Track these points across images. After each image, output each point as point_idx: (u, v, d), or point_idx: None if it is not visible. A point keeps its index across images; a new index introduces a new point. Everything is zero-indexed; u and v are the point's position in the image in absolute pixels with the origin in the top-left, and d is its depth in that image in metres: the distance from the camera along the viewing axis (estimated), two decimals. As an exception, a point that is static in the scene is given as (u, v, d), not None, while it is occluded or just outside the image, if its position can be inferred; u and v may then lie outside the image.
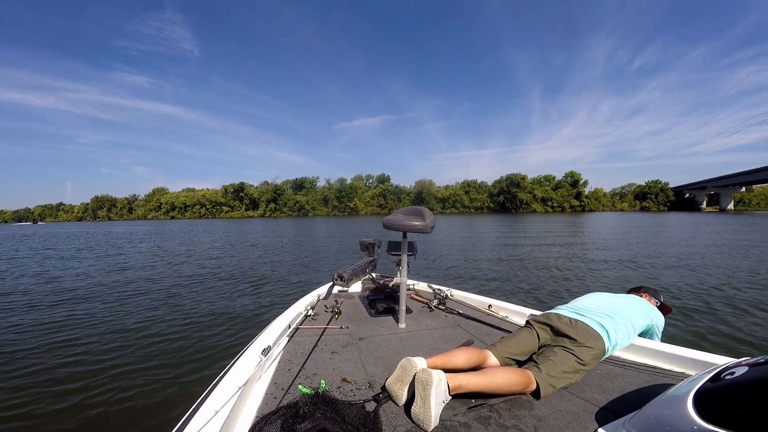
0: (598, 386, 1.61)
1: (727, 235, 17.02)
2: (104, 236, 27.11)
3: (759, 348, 3.83)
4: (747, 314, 4.89)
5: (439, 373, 1.42)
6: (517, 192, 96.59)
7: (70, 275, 9.21)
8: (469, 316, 2.68)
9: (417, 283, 3.61)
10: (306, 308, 2.71)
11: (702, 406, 0.87)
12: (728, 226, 23.85)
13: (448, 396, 1.41)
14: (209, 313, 5.45)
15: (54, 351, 4.00)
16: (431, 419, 1.32)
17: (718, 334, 4.21)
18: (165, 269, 9.95)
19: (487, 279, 7.89)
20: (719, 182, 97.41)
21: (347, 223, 44.59)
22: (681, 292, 6.13)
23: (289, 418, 1.29)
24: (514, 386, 1.50)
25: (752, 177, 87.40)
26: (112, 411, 2.81)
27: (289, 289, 7.09)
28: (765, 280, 7.04)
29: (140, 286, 7.68)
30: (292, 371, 1.76)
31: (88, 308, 5.80)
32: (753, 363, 0.95)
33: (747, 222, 30.72)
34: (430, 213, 2.26)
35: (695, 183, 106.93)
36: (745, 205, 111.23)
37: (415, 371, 1.46)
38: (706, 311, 5.06)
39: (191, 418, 1.28)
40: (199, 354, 3.88)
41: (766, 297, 5.73)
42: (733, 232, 19.37)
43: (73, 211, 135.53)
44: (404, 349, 2.09)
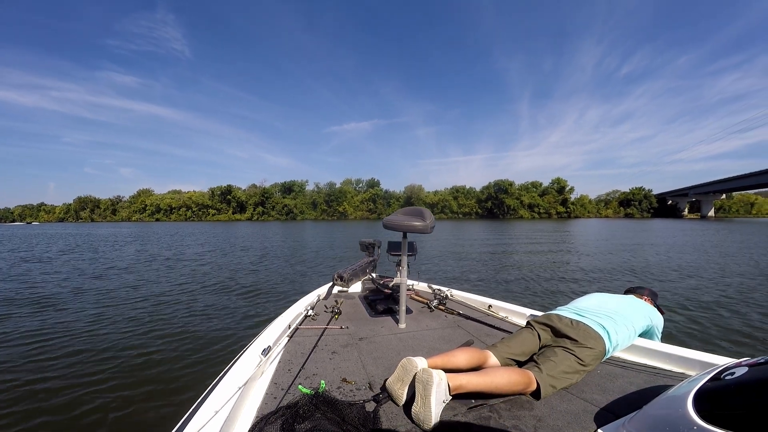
0: (598, 387, 1.62)
1: (713, 241, 17.43)
2: (104, 237, 26.50)
3: (759, 348, 3.88)
4: (743, 315, 4.98)
5: (439, 372, 1.42)
6: (505, 198, 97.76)
7: (71, 276, 8.99)
8: (469, 316, 2.68)
9: (417, 284, 3.61)
10: (306, 308, 2.69)
11: (702, 407, 0.87)
12: (711, 234, 24.43)
13: (448, 396, 1.41)
14: (209, 313, 5.44)
15: (54, 350, 3.99)
16: (431, 419, 1.32)
17: (716, 335, 4.27)
18: (162, 271, 9.83)
19: (480, 280, 7.96)
20: (700, 189, 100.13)
21: (336, 227, 44.32)
22: (677, 295, 6.26)
23: (289, 418, 1.28)
24: (514, 386, 1.50)
25: (732, 184, 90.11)
26: (112, 411, 2.79)
27: (283, 293, 7.03)
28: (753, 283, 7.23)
29: (137, 286, 7.60)
30: (292, 371, 1.75)
31: (89, 309, 5.74)
32: (753, 363, 0.95)
33: (726, 228, 31.61)
34: (430, 213, 2.26)
35: (677, 190, 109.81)
36: (726, 212, 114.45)
37: (415, 371, 1.45)
38: (699, 312, 5.14)
39: (191, 418, 1.27)
40: (199, 354, 3.86)
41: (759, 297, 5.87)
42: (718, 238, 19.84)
43: (55, 212, 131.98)
44: (404, 349, 2.09)
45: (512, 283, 7.68)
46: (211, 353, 3.88)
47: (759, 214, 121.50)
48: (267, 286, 7.50)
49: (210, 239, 23.17)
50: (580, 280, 8.02)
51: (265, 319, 4.72)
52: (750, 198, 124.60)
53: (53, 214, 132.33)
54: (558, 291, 6.85)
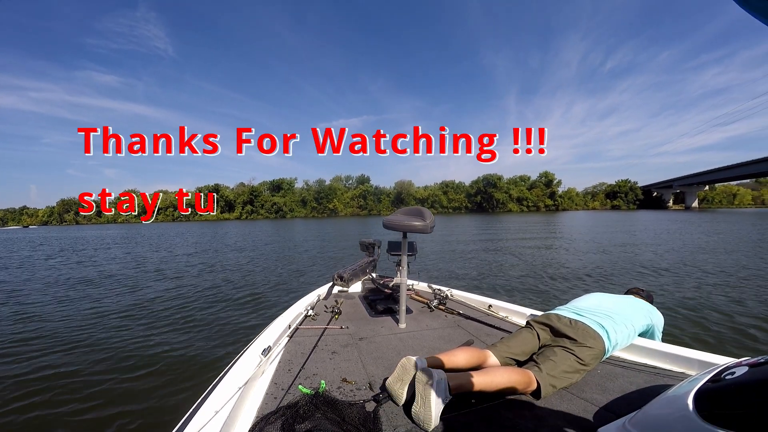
0: (598, 386, 1.62)
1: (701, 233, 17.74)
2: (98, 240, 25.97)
3: (759, 348, 3.91)
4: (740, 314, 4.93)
5: (439, 372, 1.43)
6: (494, 192, 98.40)
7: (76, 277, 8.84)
8: (469, 316, 2.69)
9: (417, 284, 3.61)
10: (306, 308, 2.69)
11: (702, 406, 0.86)
12: (696, 225, 24.73)
13: (448, 395, 1.41)
14: (209, 313, 5.42)
15: (54, 350, 3.99)
16: (431, 418, 1.31)
17: (711, 334, 4.26)
18: (161, 271, 9.81)
19: (476, 278, 8.02)
20: (684, 181, 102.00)
21: (327, 224, 44.02)
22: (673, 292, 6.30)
23: (289, 418, 1.28)
24: (514, 385, 1.50)
25: (715, 176, 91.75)
26: (112, 412, 2.77)
27: (276, 295, 7.00)
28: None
29: (134, 287, 7.57)
30: (292, 371, 1.75)
31: (90, 308, 5.75)
32: (753, 363, 0.95)
33: (711, 219, 32.25)
34: (430, 213, 2.26)
35: (662, 182, 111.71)
36: (709, 203, 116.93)
37: (415, 371, 1.45)
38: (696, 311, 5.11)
39: (191, 418, 1.27)
40: (199, 354, 3.85)
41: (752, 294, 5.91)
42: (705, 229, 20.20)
43: (38, 215, 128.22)
44: (404, 349, 2.09)
45: (510, 279, 7.74)
46: (211, 353, 3.87)
47: (741, 205, 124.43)
48: (264, 287, 7.47)
49: (200, 240, 22.86)
50: (573, 275, 8.11)
51: (264, 320, 4.72)
52: (732, 189, 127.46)
53: (36, 217, 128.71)
54: (553, 287, 6.90)
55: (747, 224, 24.21)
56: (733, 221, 28.53)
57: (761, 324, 4.50)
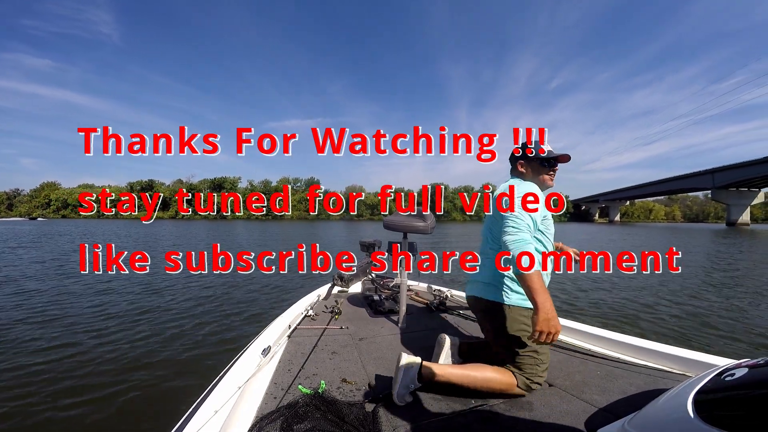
0: (598, 387, 1.63)
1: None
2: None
3: (759, 349, 3.95)
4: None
5: (411, 357, 1.49)
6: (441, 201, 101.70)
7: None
8: (468, 317, 2.70)
9: (417, 284, 3.62)
10: (306, 308, 2.68)
11: (702, 408, 0.85)
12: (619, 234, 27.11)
13: (416, 382, 1.45)
14: (208, 313, 5.34)
15: (53, 348, 3.90)
16: (394, 396, 1.43)
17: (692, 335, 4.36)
18: (158, 272, 9.22)
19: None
20: (609, 196, 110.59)
21: (271, 227, 40.85)
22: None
23: (289, 418, 1.29)
24: (491, 383, 1.49)
25: (634, 192, 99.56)
26: (112, 411, 2.73)
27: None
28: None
29: (131, 287, 7.24)
30: (292, 371, 1.74)
31: (89, 309, 5.56)
32: (753, 364, 0.95)
33: (629, 231, 35.63)
34: (430, 214, 2.29)
35: (590, 197, 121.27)
36: (629, 217, 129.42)
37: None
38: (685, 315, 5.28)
39: (191, 418, 1.27)
40: (199, 354, 3.79)
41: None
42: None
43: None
44: (404, 349, 2.10)
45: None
46: (211, 353, 3.81)
47: (655, 219, 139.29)
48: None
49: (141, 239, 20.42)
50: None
51: (266, 319, 4.59)
52: (649, 205, 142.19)
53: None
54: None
55: (658, 236, 27.83)
56: (644, 234, 31.44)
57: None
